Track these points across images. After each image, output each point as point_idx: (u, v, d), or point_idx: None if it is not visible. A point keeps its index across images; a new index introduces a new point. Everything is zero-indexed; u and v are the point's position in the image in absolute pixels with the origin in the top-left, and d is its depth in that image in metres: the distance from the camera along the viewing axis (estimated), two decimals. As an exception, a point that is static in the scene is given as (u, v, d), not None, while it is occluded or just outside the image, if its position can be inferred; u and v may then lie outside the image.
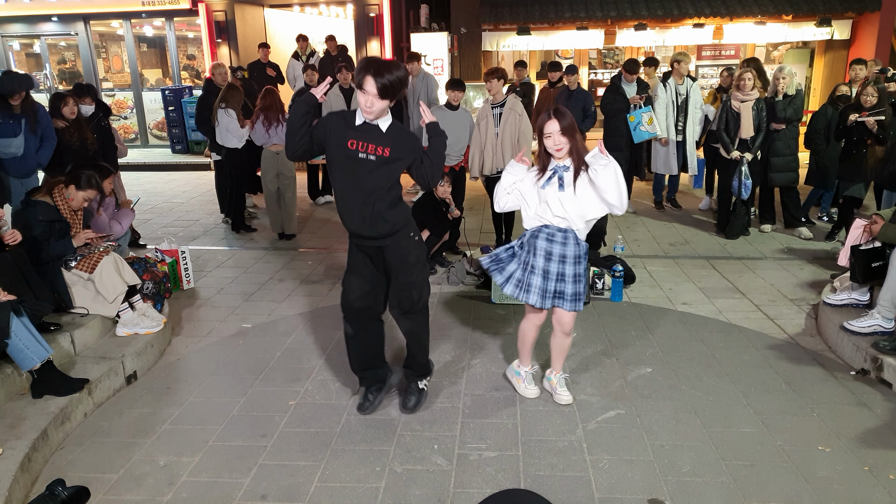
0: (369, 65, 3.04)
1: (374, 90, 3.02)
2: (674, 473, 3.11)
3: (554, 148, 3.34)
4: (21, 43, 13.92)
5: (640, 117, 7.50)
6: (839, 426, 3.47)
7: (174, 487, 3.08)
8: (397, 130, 3.26)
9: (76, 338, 4.08)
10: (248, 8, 12.03)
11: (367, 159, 3.18)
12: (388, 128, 3.22)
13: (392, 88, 3.06)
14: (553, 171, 3.41)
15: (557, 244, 3.43)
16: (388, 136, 3.20)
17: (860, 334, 4.13)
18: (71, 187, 4.42)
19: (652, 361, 4.22)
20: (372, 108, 3.08)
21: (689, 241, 6.85)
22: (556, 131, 3.32)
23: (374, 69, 3.01)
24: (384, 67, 3.04)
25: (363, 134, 3.18)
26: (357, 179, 3.22)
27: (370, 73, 3.01)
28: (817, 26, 10.66)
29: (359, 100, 3.10)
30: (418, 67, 8.43)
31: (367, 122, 3.19)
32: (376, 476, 3.13)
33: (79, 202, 4.46)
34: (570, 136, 3.32)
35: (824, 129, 6.63)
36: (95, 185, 4.50)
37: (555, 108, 3.36)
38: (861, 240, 4.52)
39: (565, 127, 3.31)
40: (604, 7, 10.95)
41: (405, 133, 3.33)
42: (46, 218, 4.21)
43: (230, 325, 4.94)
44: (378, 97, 3.05)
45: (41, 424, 3.33)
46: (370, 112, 3.11)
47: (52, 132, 5.63)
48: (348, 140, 3.18)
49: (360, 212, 3.25)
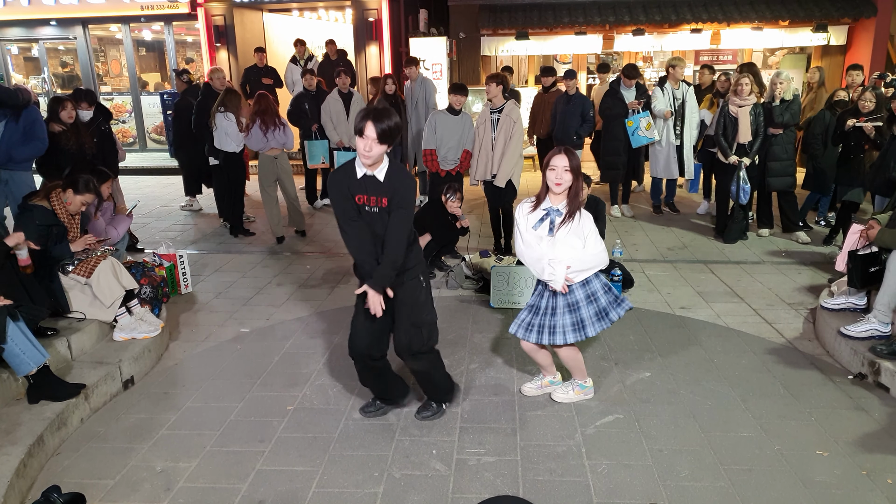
0: (368, 112, 3.12)
1: (373, 135, 3.07)
2: (672, 478, 3.11)
3: (554, 181, 3.35)
4: (19, 47, 13.93)
5: (638, 122, 7.52)
6: (837, 430, 3.47)
7: (171, 493, 3.07)
8: (394, 178, 3.25)
9: (73, 342, 4.07)
10: (247, 12, 12.04)
11: (371, 211, 3.26)
12: (385, 177, 3.23)
13: (390, 133, 3.12)
14: (546, 213, 3.43)
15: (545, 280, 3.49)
16: (385, 187, 3.23)
17: (857, 339, 4.14)
18: (69, 191, 4.41)
19: (650, 366, 4.22)
20: (370, 152, 3.12)
21: (687, 245, 6.85)
22: (561, 167, 3.33)
23: (374, 115, 3.09)
24: (383, 114, 3.12)
25: (365, 187, 3.24)
26: (367, 228, 3.29)
27: (370, 118, 3.08)
28: (814, 32, 10.71)
29: (357, 145, 3.14)
30: (417, 72, 8.43)
31: (367, 174, 3.22)
32: (374, 481, 3.12)
33: (76, 206, 4.45)
34: (574, 176, 3.35)
35: (822, 133, 6.65)
36: (93, 190, 4.50)
37: (566, 147, 3.39)
38: (858, 244, 4.53)
39: (573, 166, 3.34)
40: (602, 12, 10.99)
41: (401, 179, 3.27)
42: (44, 222, 4.20)
43: (228, 329, 4.93)
44: (377, 142, 3.09)
45: (37, 430, 3.32)
46: (368, 157, 3.14)
47: (41, 133, 5.55)
48: (355, 195, 3.26)
49: (373, 257, 3.30)
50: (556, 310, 3.51)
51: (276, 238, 7.16)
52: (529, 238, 3.47)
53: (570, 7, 11.13)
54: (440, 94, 9.55)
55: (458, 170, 6.32)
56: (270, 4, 11.84)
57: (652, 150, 7.82)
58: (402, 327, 3.42)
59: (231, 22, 11.71)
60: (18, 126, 5.38)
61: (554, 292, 3.50)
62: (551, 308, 3.53)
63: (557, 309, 3.51)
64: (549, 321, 3.53)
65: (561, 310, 3.50)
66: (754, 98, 6.46)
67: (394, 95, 8.21)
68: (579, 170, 3.39)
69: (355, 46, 11.59)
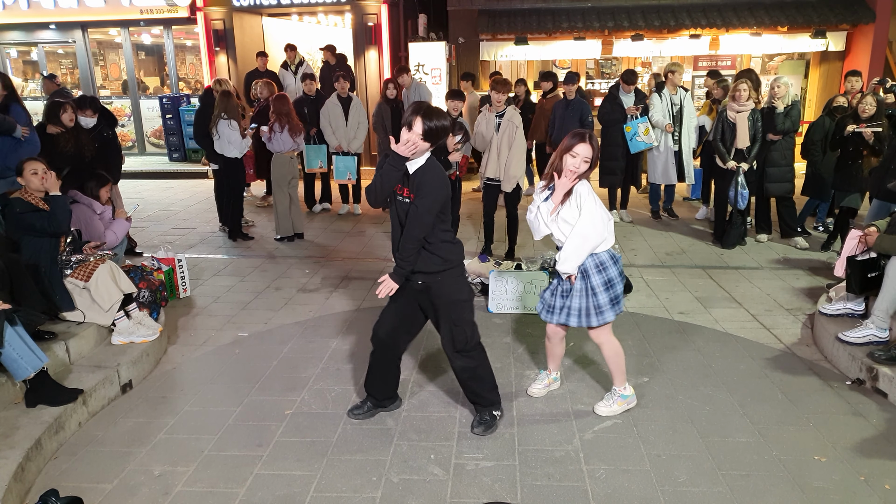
0: (419, 107, 3.16)
1: (419, 130, 3.10)
2: (670, 483, 3.11)
3: (571, 168, 3.36)
4: (18, 50, 13.94)
5: (636, 128, 7.54)
6: (835, 436, 3.47)
7: (169, 498, 3.06)
8: (421, 174, 3.25)
9: (71, 346, 4.07)
10: (246, 17, 12.05)
11: (402, 202, 3.30)
12: (416, 171, 3.24)
13: (436, 133, 3.14)
14: (552, 191, 3.47)
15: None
16: (413, 181, 3.25)
17: (855, 345, 4.14)
18: (18, 179, 4.32)
19: (648, 371, 4.22)
20: (411, 146, 3.12)
21: (685, 250, 6.86)
22: (582, 156, 3.34)
23: (424, 112, 3.12)
24: (434, 113, 3.15)
25: (403, 178, 3.27)
26: (401, 218, 3.32)
27: (420, 114, 3.11)
28: (812, 38, 10.73)
29: (402, 137, 3.15)
30: (409, 79, 8.49)
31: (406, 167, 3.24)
32: (373, 486, 3.12)
33: (34, 182, 4.28)
34: (589, 168, 3.40)
35: (821, 139, 6.67)
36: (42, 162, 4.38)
37: (591, 134, 3.39)
38: (857, 250, 4.53)
39: (593, 158, 3.37)
40: (601, 17, 11.01)
41: (428, 175, 3.26)
42: (24, 210, 4.18)
43: (226, 333, 4.93)
44: (421, 138, 3.11)
45: (35, 434, 3.32)
46: (408, 151, 3.14)
47: (33, 134, 5.57)
48: (397, 184, 3.28)
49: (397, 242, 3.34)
50: (572, 292, 3.56)
51: (283, 238, 7.28)
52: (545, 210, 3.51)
53: (570, 12, 11.15)
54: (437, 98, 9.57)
55: (458, 174, 6.34)
56: (270, 9, 11.85)
57: (650, 156, 7.83)
58: (445, 325, 3.45)
59: (230, 26, 11.72)
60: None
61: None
62: (565, 290, 3.59)
63: (574, 292, 3.55)
64: (566, 303, 3.58)
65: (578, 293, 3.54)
66: (752, 104, 6.48)
67: (395, 100, 8.23)
68: (597, 160, 3.44)
69: (354, 51, 11.60)
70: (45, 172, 4.29)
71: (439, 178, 3.25)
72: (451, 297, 3.40)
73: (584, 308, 3.52)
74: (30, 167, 4.28)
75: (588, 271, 3.49)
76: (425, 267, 3.33)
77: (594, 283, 3.49)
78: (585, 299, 3.52)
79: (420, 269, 3.34)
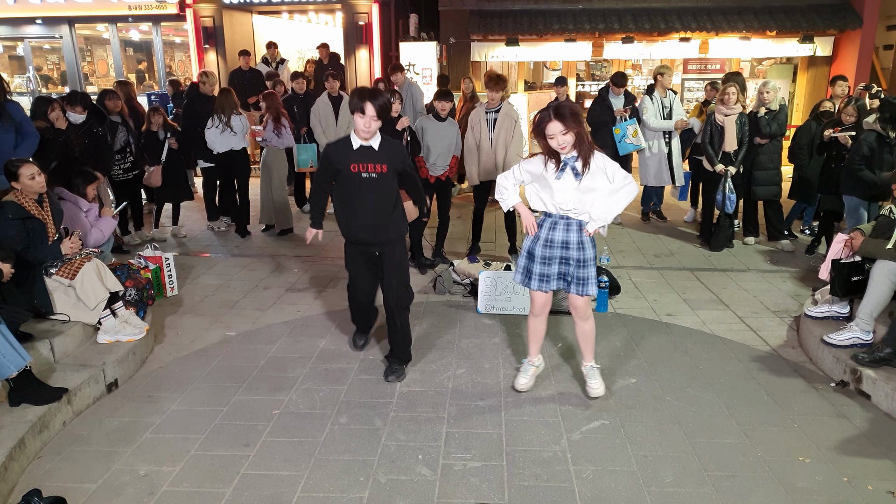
0: (364, 92, 3.62)
1: (373, 112, 3.59)
2: (657, 484, 3.12)
3: (559, 147, 3.43)
4: (4, 45, 13.80)
5: (625, 130, 7.57)
6: (819, 437, 3.50)
7: (154, 498, 3.04)
8: (387, 146, 3.80)
9: (56, 345, 4.03)
10: (236, 14, 12.00)
11: (369, 177, 3.75)
12: (380, 145, 3.76)
13: (386, 109, 3.65)
14: (564, 163, 3.50)
15: (560, 231, 3.62)
16: (382, 153, 3.75)
17: (840, 347, 4.18)
18: (12, 183, 4.22)
19: (636, 372, 4.24)
20: (370, 128, 3.64)
21: (673, 252, 6.90)
22: (559, 132, 3.39)
23: (370, 95, 3.58)
24: (377, 93, 3.62)
25: (361, 156, 3.74)
26: (364, 196, 3.78)
27: (367, 98, 3.57)
28: (800, 43, 10.84)
29: (357, 123, 3.64)
30: (402, 78, 8.47)
31: (363, 145, 3.74)
32: (360, 486, 3.11)
33: (33, 187, 4.22)
34: (573, 132, 3.39)
35: (808, 143, 6.73)
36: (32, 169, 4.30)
37: (555, 107, 3.41)
38: (842, 254, 4.58)
39: (568, 125, 3.38)
40: (592, 20, 11.06)
41: (394, 146, 3.86)
42: (17, 216, 4.10)
43: (214, 333, 4.90)
44: (376, 118, 3.61)
45: (18, 433, 3.28)
46: (368, 132, 3.66)
47: (30, 127, 5.47)
48: (350, 164, 3.74)
49: (368, 223, 3.85)
50: (570, 260, 3.65)
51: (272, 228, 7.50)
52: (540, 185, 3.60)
53: (561, 14, 11.19)
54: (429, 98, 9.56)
55: (448, 174, 6.34)
56: (260, 6, 11.81)
57: (641, 159, 7.86)
58: (394, 285, 3.99)
59: (220, 23, 11.67)
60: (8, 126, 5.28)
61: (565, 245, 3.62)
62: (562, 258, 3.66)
63: (570, 260, 3.65)
64: (574, 272, 3.66)
65: (577, 262, 3.65)
66: (740, 107, 6.52)
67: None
68: (576, 120, 3.40)
69: (345, 50, 11.58)
70: (39, 175, 4.26)
71: (401, 146, 3.92)
72: (400, 260, 4.00)
73: (591, 276, 3.65)
74: (27, 172, 4.19)
75: (583, 244, 3.64)
76: (379, 238, 3.91)
77: (592, 255, 3.67)
78: (591, 268, 3.66)
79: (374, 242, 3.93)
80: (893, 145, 5.37)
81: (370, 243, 3.95)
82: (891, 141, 5.36)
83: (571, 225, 3.61)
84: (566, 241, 3.62)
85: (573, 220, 3.61)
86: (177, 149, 7.21)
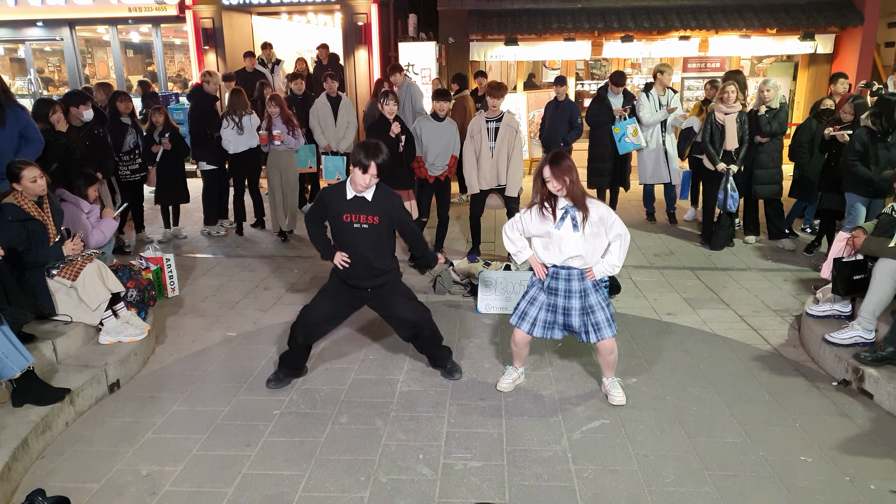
0: (369, 150, 3.59)
1: (375, 171, 3.62)
2: (657, 483, 3.13)
3: (556, 190, 3.52)
4: (5, 48, 13.81)
5: (624, 129, 7.56)
6: (821, 436, 3.50)
7: (156, 497, 3.05)
8: (381, 195, 3.79)
9: (58, 346, 4.04)
10: (235, 15, 12.00)
11: (360, 228, 3.76)
12: (374, 196, 3.76)
13: (385, 167, 3.66)
14: (565, 211, 3.57)
15: (562, 280, 3.66)
16: (375, 205, 3.76)
17: (842, 346, 4.18)
18: (14, 185, 4.22)
19: (637, 371, 4.24)
20: (368, 184, 3.67)
21: (674, 251, 6.90)
22: (557, 174, 3.49)
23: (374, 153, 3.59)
24: (379, 150, 3.62)
25: (354, 206, 3.75)
26: (356, 245, 3.79)
27: (372, 158, 3.58)
28: (801, 40, 10.82)
29: (356, 177, 3.64)
30: (401, 79, 8.47)
31: (356, 196, 3.74)
32: (361, 486, 3.12)
33: (35, 190, 4.22)
34: (564, 179, 3.49)
35: (808, 142, 6.72)
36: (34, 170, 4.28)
37: (553, 153, 3.56)
38: (844, 252, 4.57)
39: (563, 169, 3.49)
40: (591, 19, 11.04)
41: (388, 196, 3.82)
42: (17, 218, 4.10)
43: (215, 333, 4.91)
44: (376, 175, 3.64)
45: (21, 433, 3.29)
46: (367, 187, 3.69)
47: (35, 133, 5.46)
48: (343, 214, 3.76)
49: (358, 272, 3.84)
50: (571, 311, 3.69)
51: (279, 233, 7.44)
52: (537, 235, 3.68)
53: (560, 13, 11.17)
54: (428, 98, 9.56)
55: (447, 174, 6.34)
56: (259, 7, 11.81)
57: (639, 157, 7.86)
58: (404, 307, 3.97)
59: (219, 25, 11.67)
60: (9, 132, 5.28)
61: (567, 294, 3.67)
62: (564, 308, 3.70)
63: (572, 310, 3.68)
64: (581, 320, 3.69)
65: (581, 311, 3.69)
66: (740, 105, 6.52)
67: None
68: (570, 167, 3.51)
69: (344, 50, 11.58)
70: (41, 177, 4.27)
71: (396, 197, 3.85)
72: (395, 289, 3.99)
73: (602, 320, 3.68)
74: (29, 174, 4.19)
75: (586, 291, 3.70)
76: (371, 283, 3.89)
77: (598, 300, 3.71)
78: (601, 311, 3.69)
79: (365, 286, 3.89)
80: (886, 141, 5.36)
81: (361, 287, 3.92)
82: (881, 136, 5.36)
83: (573, 275, 3.66)
84: (568, 290, 3.68)
85: (574, 269, 3.65)
86: (170, 150, 7.17)
